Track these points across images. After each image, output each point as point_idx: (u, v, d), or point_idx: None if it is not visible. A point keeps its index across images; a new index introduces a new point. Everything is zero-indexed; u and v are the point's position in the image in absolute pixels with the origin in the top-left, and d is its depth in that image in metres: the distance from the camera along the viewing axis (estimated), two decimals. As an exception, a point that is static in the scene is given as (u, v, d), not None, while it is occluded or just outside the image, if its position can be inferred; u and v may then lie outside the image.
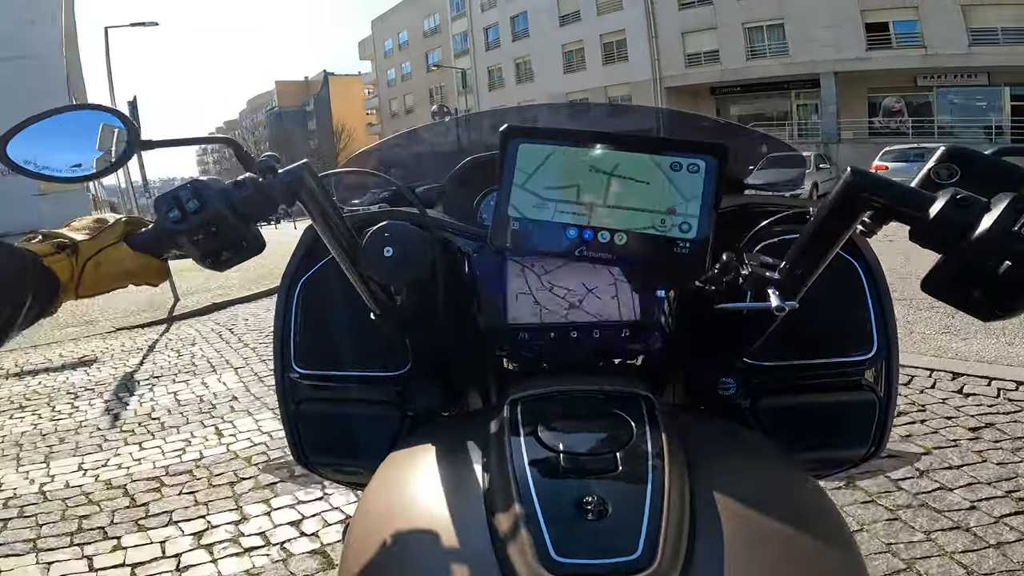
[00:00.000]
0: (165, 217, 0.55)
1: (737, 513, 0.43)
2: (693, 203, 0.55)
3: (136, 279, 0.58)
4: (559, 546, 0.39)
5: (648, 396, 0.54)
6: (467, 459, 0.51)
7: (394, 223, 0.58)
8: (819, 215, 0.51)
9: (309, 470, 0.78)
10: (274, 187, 0.56)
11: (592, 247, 0.56)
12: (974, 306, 0.46)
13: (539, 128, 0.59)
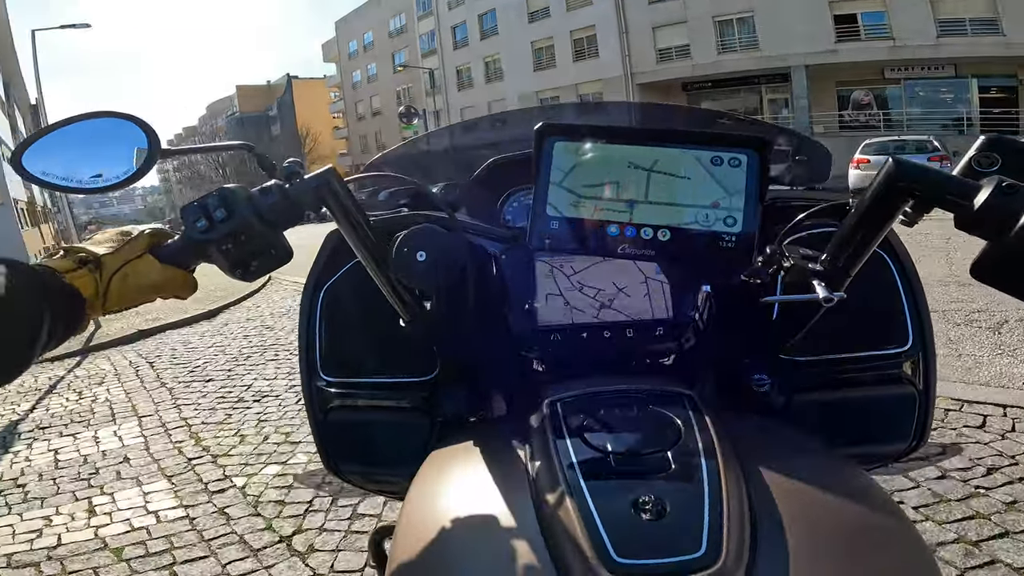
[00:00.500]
0: (192, 227, 0.54)
1: (795, 508, 0.43)
2: (737, 197, 0.55)
3: (164, 292, 0.56)
4: (619, 547, 0.38)
5: (689, 395, 0.54)
6: (511, 461, 0.50)
7: (425, 226, 0.57)
8: (860, 205, 0.51)
9: (339, 478, 0.78)
10: (300, 193, 0.56)
11: (635, 244, 0.55)
12: (1022, 291, 0.45)
13: (575, 125, 0.58)
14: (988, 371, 2.98)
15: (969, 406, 2.53)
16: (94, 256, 0.54)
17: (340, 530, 2.12)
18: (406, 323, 0.64)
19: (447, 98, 31.91)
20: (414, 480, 0.54)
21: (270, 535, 2.14)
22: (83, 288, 0.52)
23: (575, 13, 25.39)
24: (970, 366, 3.05)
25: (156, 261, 0.55)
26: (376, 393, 0.74)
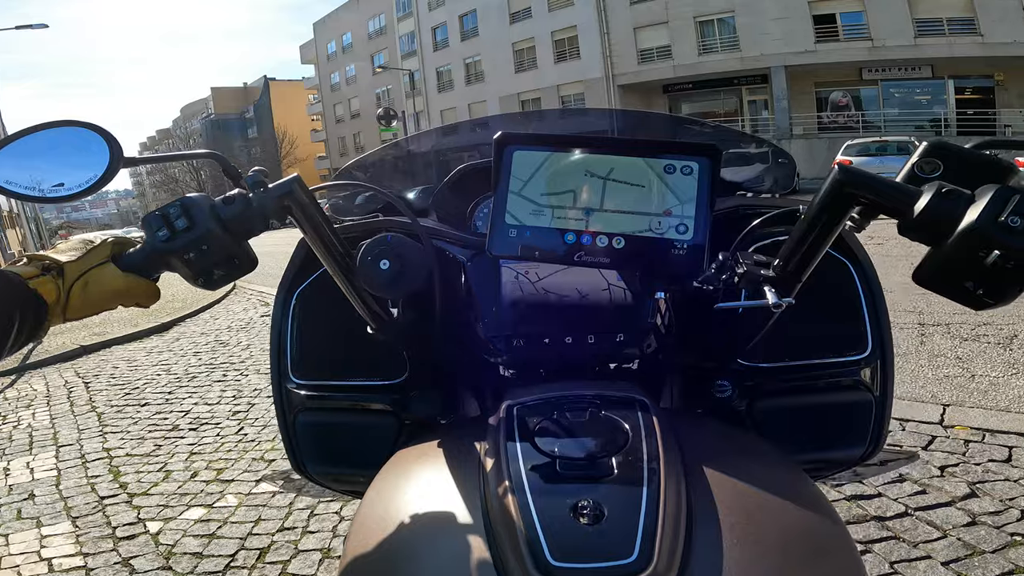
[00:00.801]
0: (154, 236, 0.55)
1: (734, 514, 0.44)
2: (688, 205, 0.56)
3: (126, 300, 0.57)
4: (556, 551, 0.39)
5: (643, 400, 0.54)
6: (465, 465, 0.51)
7: (390, 235, 0.58)
8: (809, 212, 0.52)
9: (308, 479, 0.79)
10: (264, 202, 0.56)
11: (590, 252, 0.56)
12: (965, 296, 0.46)
13: (533, 135, 0.59)
14: (1006, 394, 2.69)
15: (992, 436, 2.26)
16: (57, 263, 0.54)
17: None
18: (373, 330, 0.65)
19: (427, 100, 31.52)
20: (373, 481, 0.55)
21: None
22: (46, 294, 0.52)
23: (556, 14, 25.20)
24: (985, 388, 2.77)
25: (118, 269, 0.55)
26: (346, 395, 0.75)
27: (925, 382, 2.91)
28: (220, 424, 3.33)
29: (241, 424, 3.29)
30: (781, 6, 19.27)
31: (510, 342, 0.67)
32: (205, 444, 3.06)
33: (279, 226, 0.62)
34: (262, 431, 3.17)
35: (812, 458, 0.73)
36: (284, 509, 2.26)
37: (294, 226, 0.58)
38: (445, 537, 0.44)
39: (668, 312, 0.70)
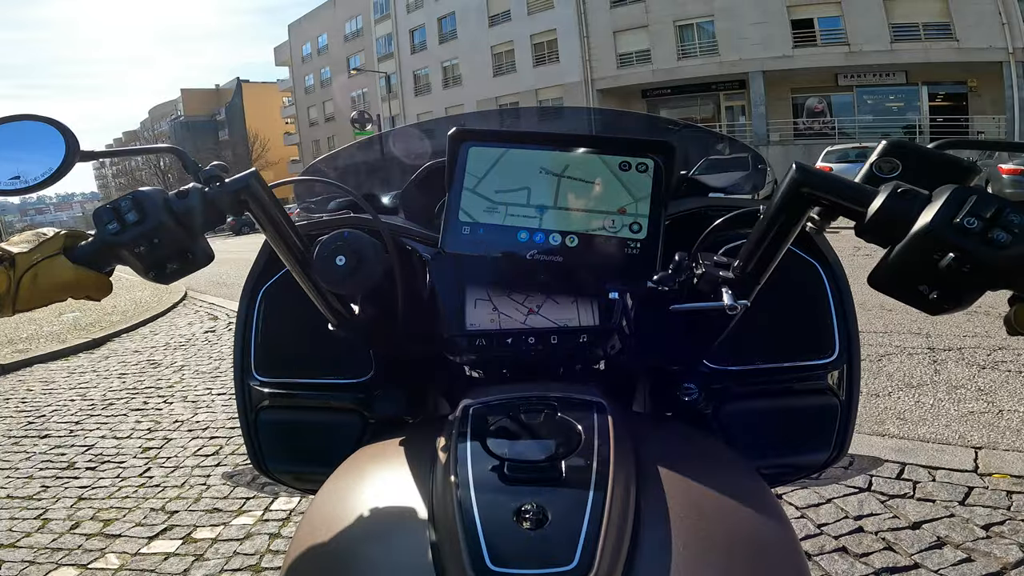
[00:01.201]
0: (104, 229, 0.54)
1: (684, 519, 0.43)
2: (643, 203, 0.55)
3: (76, 293, 0.56)
4: (495, 555, 0.39)
5: (601, 402, 0.53)
6: (416, 467, 0.51)
7: (346, 231, 0.57)
8: (767, 213, 0.52)
9: (269, 478, 0.77)
10: (220, 197, 0.55)
11: (544, 250, 0.56)
12: (921, 301, 0.45)
13: (488, 131, 0.58)
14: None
15: (1020, 480, 1.90)
16: (8, 254, 0.54)
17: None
18: (334, 327, 0.64)
19: (403, 104, 31.02)
20: (327, 480, 0.54)
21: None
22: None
23: (536, 17, 24.92)
24: (1017, 426, 2.41)
25: (69, 261, 0.55)
26: (310, 394, 0.74)
27: (949, 420, 2.55)
28: (124, 463, 2.85)
29: (148, 464, 2.80)
30: (760, 11, 19.25)
31: (472, 341, 0.65)
32: (100, 488, 2.60)
33: (248, 231, 0.59)
34: (171, 474, 2.66)
35: (777, 463, 0.72)
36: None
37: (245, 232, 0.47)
38: (389, 538, 0.44)
39: (632, 313, 0.68)
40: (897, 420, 2.57)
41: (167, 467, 2.74)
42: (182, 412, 3.43)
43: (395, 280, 0.59)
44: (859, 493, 1.94)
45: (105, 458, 2.92)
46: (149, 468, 2.75)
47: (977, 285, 0.42)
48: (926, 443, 2.29)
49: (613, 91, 23.36)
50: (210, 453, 2.81)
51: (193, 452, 2.86)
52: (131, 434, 3.19)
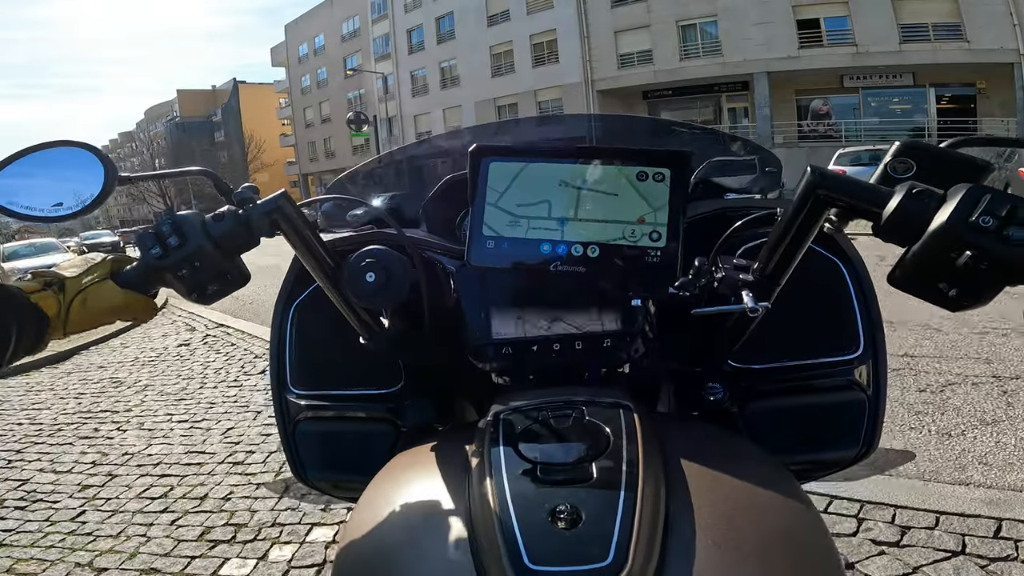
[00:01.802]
0: (148, 254, 0.57)
1: (714, 517, 0.44)
2: (661, 212, 0.56)
3: (124, 315, 0.59)
4: (532, 554, 0.40)
5: (627, 405, 0.54)
6: (454, 471, 0.52)
7: (376, 248, 0.59)
8: (785, 216, 0.53)
9: (308, 486, 0.79)
10: (253, 218, 0.58)
11: (566, 261, 0.57)
12: (941, 298, 0.46)
13: (508, 146, 0.59)
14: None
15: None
16: (58, 278, 0.56)
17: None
18: (365, 341, 0.66)
19: (400, 104, 30.57)
20: (367, 487, 0.55)
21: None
22: (47, 308, 0.54)
23: (536, 17, 24.48)
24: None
25: (116, 285, 0.58)
26: (344, 404, 0.76)
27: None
28: (57, 503, 2.47)
29: (83, 507, 2.40)
30: (764, 11, 18.86)
31: (499, 349, 0.67)
32: (24, 532, 2.23)
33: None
34: (107, 520, 2.25)
35: (805, 459, 0.72)
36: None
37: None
38: (429, 541, 0.45)
39: (654, 317, 0.70)
40: (980, 465, 2.17)
41: (104, 511, 2.34)
42: (135, 443, 3.01)
43: (422, 293, 0.61)
44: (953, 557, 1.60)
45: (38, 496, 2.54)
46: (84, 511, 2.36)
47: (995, 282, 0.43)
48: (1020, 492, 1.91)
49: (614, 92, 22.96)
50: (157, 496, 2.40)
51: (138, 494, 2.44)
52: (72, 468, 2.78)
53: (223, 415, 3.24)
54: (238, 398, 3.50)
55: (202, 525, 2.14)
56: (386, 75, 29.00)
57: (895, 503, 1.88)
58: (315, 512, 2.13)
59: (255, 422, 3.08)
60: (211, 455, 2.74)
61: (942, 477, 2.10)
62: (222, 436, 2.95)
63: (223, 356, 4.48)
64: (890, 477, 2.08)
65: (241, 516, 2.17)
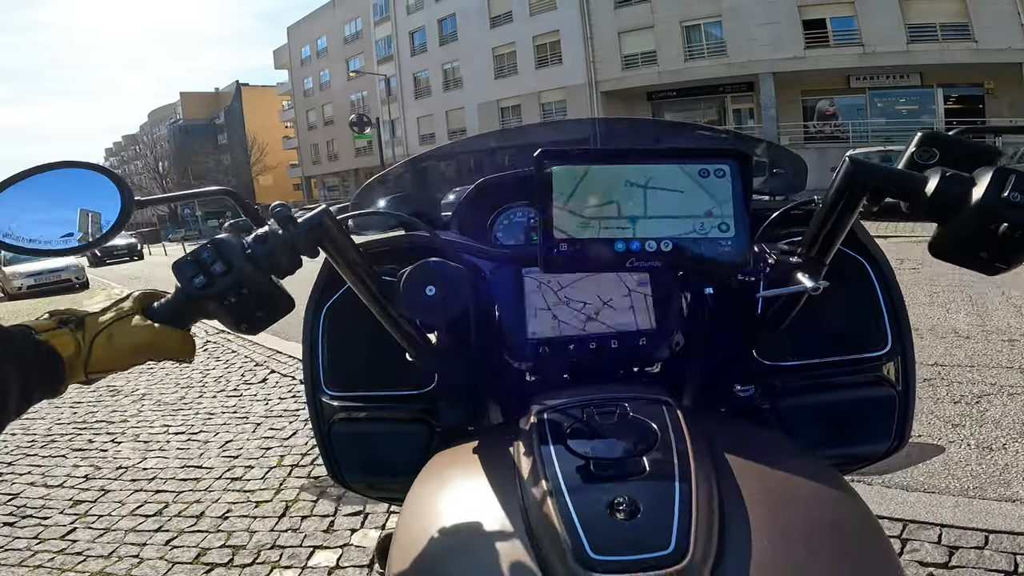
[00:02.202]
0: (190, 284, 0.53)
1: (764, 507, 0.45)
2: (726, 205, 0.58)
3: (158, 353, 0.54)
4: (595, 545, 0.41)
5: (668, 401, 0.56)
6: (502, 468, 0.52)
7: (431, 261, 0.59)
8: (827, 201, 0.57)
9: (344, 487, 0.80)
10: (296, 238, 0.56)
11: (642, 257, 0.58)
12: (980, 264, 0.53)
13: (570, 150, 0.60)
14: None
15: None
16: (75, 316, 0.52)
17: None
18: (412, 357, 0.66)
19: (403, 107, 30.49)
20: (412, 487, 0.56)
21: None
22: (61, 348, 0.50)
23: (538, 18, 24.36)
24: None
25: (147, 320, 0.53)
26: (377, 406, 0.76)
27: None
28: (47, 519, 2.36)
29: (74, 523, 2.28)
30: (770, 11, 18.68)
31: (536, 349, 0.69)
32: (12, 551, 2.12)
33: None
34: (98, 539, 2.14)
35: (837, 454, 0.72)
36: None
37: None
38: (488, 538, 0.46)
39: (690, 314, 0.72)
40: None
41: (96, 529, 2.22)
42: (129, 456, 2.89)
43: (469, 303, 0.62)
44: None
45: (28, 511, 2.43)
46: (75, 528, 2.24)
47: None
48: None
49: (617, 93, 22.82)
50: (151, 513, 2.28)
51: (131, 510, 2.32)
52: (64, 482, 2.66)
53: (221, 427, 3.11)
54: (237, 408, 3.37)
55: (198, 546, 2.02)
56: (388, 77, 28.96)
57: (940, 522, 1.76)
58: (317, 534, 2.00)
59: (254, 434, 2.95)
60: (208, 469, 2.61)
61: (987, 493, 1.98)
62: (220, 449, 2.82)
63: (223, 364, 4.35)
64: (933, 494, 1.95)
65: (239, 537, 2.05)
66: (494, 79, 26.51)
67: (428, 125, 29.52)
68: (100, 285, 13.43)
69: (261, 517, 2.16)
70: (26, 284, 13.30)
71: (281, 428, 2.98)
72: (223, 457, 2.73)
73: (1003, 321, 3.86)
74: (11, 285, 13.59)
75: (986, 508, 1.82)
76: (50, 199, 0.53)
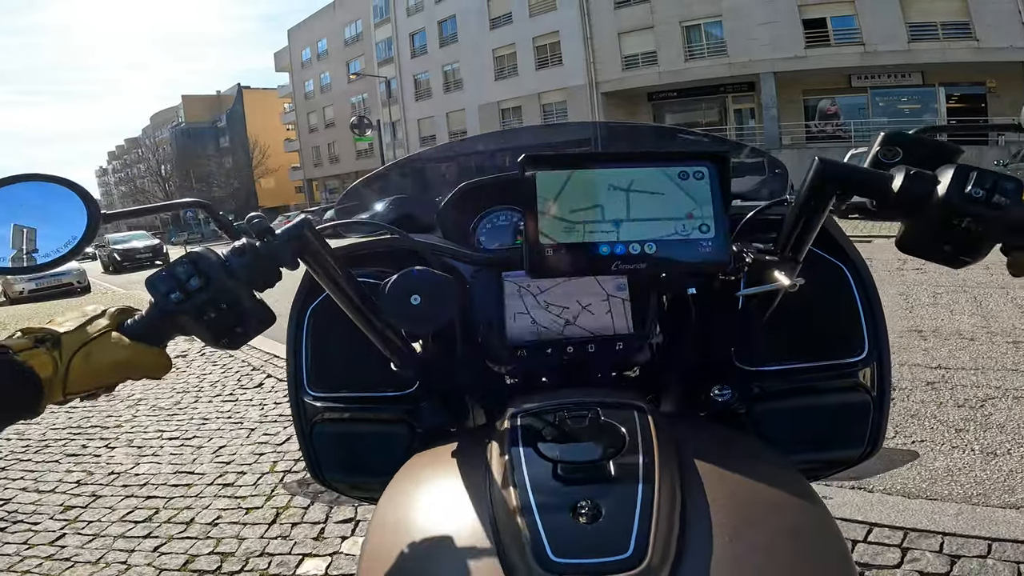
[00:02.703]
0: (165, 299, 0.52)
1: (727, 512, 0.46)
2: (706, 206, 0.59)
3: (134, 372, 0.52)
4: (556, 547, 0.42)
5: (640, 406, 0.56)
6: (473, 470, 0.53)
7: (415, 269, 0.59)
8: (798, 201, 0.58)
9: (325, 486, 0.80)
10: (275, 250, 0.55)
11: (627, 260, 0.58)
12: (944, 257, 0.55)
13: (554, 156, 0.60)
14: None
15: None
16: (51, 334, 0.51)
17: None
18: (396, 367, 0.66)
19: (404, 108, 30.49)
20: (387, 487, 0.56)
21: None
22: (39, 368, 0.48)
23: (538, 19, 24.35)
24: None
25: (123, 338, 0.52)
26: (359, 407, 0.77)
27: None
28: (37, 525, 2.33)
29: (64, 529, 2.26)
30: (770, 10, 18.63)
31: (514, 352, 0.69)
32: (1, 556, 2.08)
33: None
34: (87, 545, 2.11)
35: (811, 458, 0.74)
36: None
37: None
38: (456, 538, 0.46)
39: (667, 318, 0.73)
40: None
41: (85, 535, 2.19)
42: (122, 461, 2.86)
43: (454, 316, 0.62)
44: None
45: (19, 516, 2.40)
46: (63, 534, 2.21)
47: (990, 239, 0.53)
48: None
49: (618, 94, 22.79)
50: (141, 519, 2.25)
51: (121, 516, 2.29)
52: (56, 487, 2.64)
53: (215, 432, 3.09)
54: (232, 413, 3.34)
55: (186, 553, 1.99)
56: (389, 79, 28.94)
57: (942, 530, 1.72)
58: (307, 541, 1.97)
59: (248, 440, 2.92)
60: (200, 475, 2.58)
61: (991, 501, 1.93)
62: (213, 455, 2.79)
63: (219, 368, 4.33)
64: (935, 501, 1.91)
65: (228, 544, 2.02)
66: (494, 80, 26.51)
67: (429, 127, 29.53)
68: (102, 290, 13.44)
69: (251, 524, 2.13)
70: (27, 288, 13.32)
71: (275, 433, 2.95)
72: (216, 463, 2.70)
73: (1008, 323, 3.81)
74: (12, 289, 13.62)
75: (990, 516, 1.78)
76: (12, 215, 0.50)
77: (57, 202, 0.51)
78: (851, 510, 1.84)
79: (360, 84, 33.10)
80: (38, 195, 0.51)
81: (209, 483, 2.50)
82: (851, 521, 1.79)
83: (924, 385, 2.91)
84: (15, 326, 8.78)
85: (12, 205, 0.51)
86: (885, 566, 1.62)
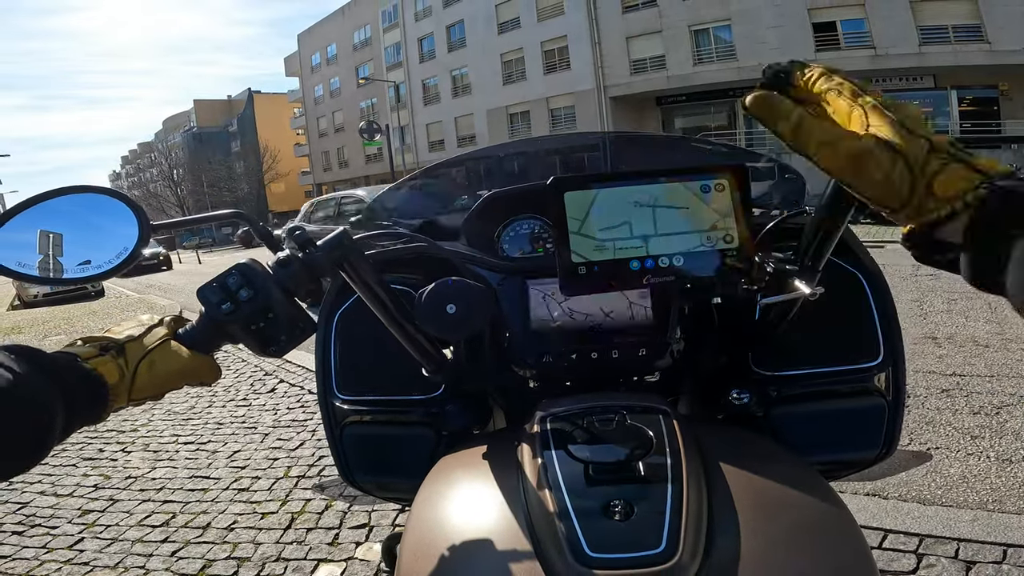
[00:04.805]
0: (216, 310, 0.54)
1: (750, 509, 0.48)
2: (729, 217, 0.61)
3: (191, 379, 0.55)
4: (592, 543, 0.44)
5: (664, 409, 0.58)
6: (506, 471, 0.55)
7: (450, 280, 0.61)
8: (819, 210, 0.58)
9: (355, 488, 0.82)
10: (317, 260, 0.57)
11: (657, 273, 0.60)
12: (957, 268, 0.57)
13: (580, 176, 0.62)
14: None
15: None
16: (113, 343, 0.52)
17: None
18: (429, 373, 0.69)
19: (412, 113, 30.68)
20: (420, 488, 0.58)
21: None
22: (107, 374, 0.50)
23: (546, 23, 24.41)
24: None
25: (182, 347, 0.54)
26: (387, 409, 0.79)
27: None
28: (55, 529, 2.36)
29: (82, 533, 2.29)
30: (779, 14, 18.56)
31: (540, 358, 0.71)
32: (20, 559, 2.11)
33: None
34: (105, 549, 2.14)
35: (827, 460, 0.75)
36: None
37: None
38: (494, 536, 0.48)
39: (686, 324, 0.75)
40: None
41: (104, 539, 2.22)
42: (139, 465, 2.90)
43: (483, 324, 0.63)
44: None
45: (37, 520, 2.44)
46: (82, 538, 2.25)
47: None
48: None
49: (626, 99, 22.77)
50: (158, 524, 2.28)
51: (139, 520, 2.32)
52: (74, 491, 2.68)
53: (230, 436, 3.12)
54: (246, 418, 3.38)
55: (203, 558, 2.01)
56: (398, 84, 29.15)
57: (958, 536, 1.72)
58: (322, 547, 1.99)
59: (262, 445, 2.95)
60: (216, 480, 2.61)
61: (1006, 507, 1.92)
62: (228, 460, 2.82)
63: (233, 373, 4.37)
64: (951, 508, 1.90)
65: (244, 549, 2.04)
66: (503, 85, 26.56)
67: (438, 132, 29.65)
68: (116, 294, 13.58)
69: (267, 529, 2.15)
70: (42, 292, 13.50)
71: (289, 439, 2.98)
72: (231, 467, 2.73)
73: (1023, 330, 3.78)
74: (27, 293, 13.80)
75: (1005, 522, 1.77)
76: (63, 226, 0.51)
77: (108, 213, 0.53)
78: (866, 516, 1.83)
79: (369, 89, 33.32)
80: (90, 207, 0.53)
81: (224, 488, 2.53)
82: (867, 528, 1.78)
83: (939, 392, 2.89)
84: (32, 329, 8.90)
85: (66, 216, 0.52)
86: (901, 572, 1.62)
